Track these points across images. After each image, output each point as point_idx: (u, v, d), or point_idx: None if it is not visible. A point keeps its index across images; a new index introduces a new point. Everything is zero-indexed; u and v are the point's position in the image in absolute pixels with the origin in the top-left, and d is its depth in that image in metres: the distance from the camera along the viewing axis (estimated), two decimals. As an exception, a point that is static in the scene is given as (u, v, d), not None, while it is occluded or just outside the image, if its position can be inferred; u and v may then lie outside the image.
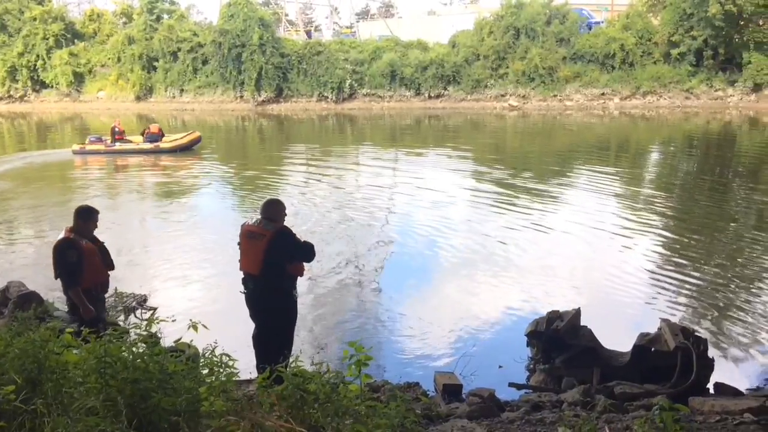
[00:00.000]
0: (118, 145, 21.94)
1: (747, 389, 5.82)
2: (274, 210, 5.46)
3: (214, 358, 3.25)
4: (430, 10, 65.09)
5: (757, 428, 4.14)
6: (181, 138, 22.43)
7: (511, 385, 5.86)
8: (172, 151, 21.78)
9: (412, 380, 5.89)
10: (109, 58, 42.63)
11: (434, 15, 57.11)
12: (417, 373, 6.21)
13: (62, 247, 5.52)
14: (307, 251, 5.39)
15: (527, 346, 6.44)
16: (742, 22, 32.15)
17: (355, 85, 38.08)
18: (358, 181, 17.58)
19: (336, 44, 40.07)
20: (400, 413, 3.14)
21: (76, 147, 21.93)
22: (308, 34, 51.10)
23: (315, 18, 71.81)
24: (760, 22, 32.80)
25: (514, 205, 13.65)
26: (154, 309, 7.93)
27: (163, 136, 22.16)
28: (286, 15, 60.45)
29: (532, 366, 6.30)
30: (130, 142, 22.21)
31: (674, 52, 33.53)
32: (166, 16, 42.99)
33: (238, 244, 5.48)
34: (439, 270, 9.88)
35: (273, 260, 5.23)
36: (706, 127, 27.93)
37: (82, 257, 5.49)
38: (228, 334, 5.66)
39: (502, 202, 13.93)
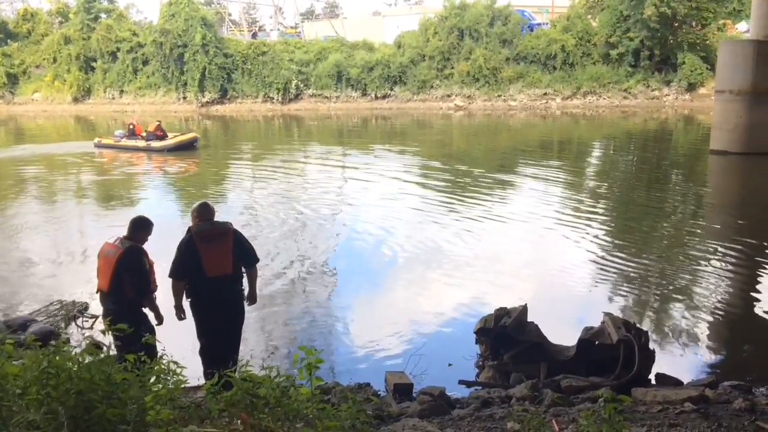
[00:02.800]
0: (123, 141, 22.33)
1: (688, 380, 6.03)
2: (212, 211, 5.52)
3: (161, 366, 3.18)
4: (375, 10, 65.34)
5: (697, 416, 4.30)
6: (173, 138, 22.16)
7: (461, 382, 5.93)
8: (164, 150, 21.54)
9: (363, 381, 5.89)
10: (44, 59, 41.25)
11: (379, 16, 57.31)
12: (368, 374, 6.21)
13: (138, 254, 5.32)
14: (253, 250, 5.58)
15: (476, 343, 6.51)
16: (676, 24, 33.34)
17: (301, 85, 37.86)
18: (306, 181, 17.49)
19: (281, 45, 39.76)
20: (352, 414, 3.14)
21: (96, 140, 23.11)
22: (254, 34, 50.48)
23: (259, 18, 71.09)
24: (693, 24, 34.08)
25: (461, 202, 13.82)
26: (96, 317, 7.68)
27: (161, 135, 21.96)
28: (230, 15, 59.66)
29: (481, 363, 6.38)
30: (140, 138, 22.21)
31: (612, 53, 34.51)
32: (104, 16, 41.85)
33: (187, 250, 5.32)
34: (388, 269, 9.91)
35: (238, 257, 5.33)
36: (644, 125, 28.84)
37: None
38: (174, 341, 5.55)
39: (449, 200, 14.08)
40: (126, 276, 5.23)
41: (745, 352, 7.04)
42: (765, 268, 9.55)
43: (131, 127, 22.63)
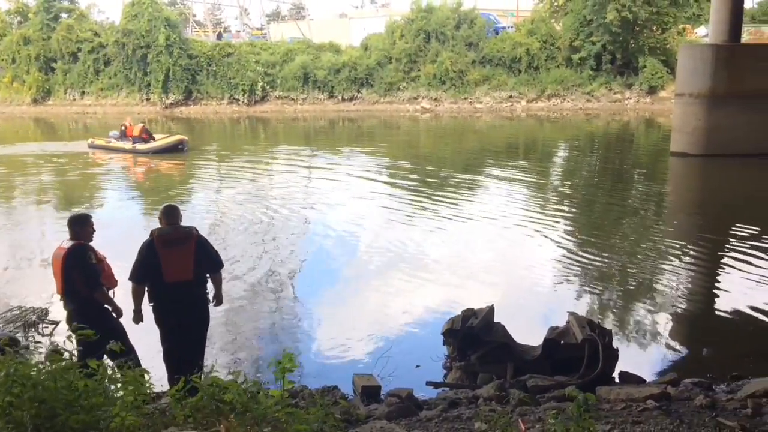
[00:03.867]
0: (113, 142, 21.98)
1: (651, 377, 6.15)
2: (178, 214, 5.47)
3: (125, 373, 3.13)
4: (341, 12, 65.24)
5: (659, 413, 4.39)
6: (159, 140, 21.66)
7: (428, 383, 5.95)
8: (149, 152, 21.08)
9: (331, 384, 5.87)
10: (2, 60, 40.16)
11: (345, 18, 57.24)
12: (335, 377, 6.19)
13: (81, 251, 5.26)
14: (218, 257, 5.56)
15: (443, 344, 6.54)
16: (637, 29, 33.98)
17: (268, 87, 37.57)
18: (273, 183, 17.40)
19: (247, 46, 39.40)
20: (319, 418, 3.13)
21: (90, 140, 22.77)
22: (219, 35, 50.01)
23: (224, 19, 70.47)
24: (654, 29, 34.79)
25: (429, 203, 13.88)
26: (57, 323, 7.51)
27: (146, 137, 21.50)
28: (194, 16, 59.01)
29: (448, 364, 6.41)
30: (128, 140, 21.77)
31: (575, 56, 35.01)
32: (64, 16, 40.93)
33: (147, 253, 5.26)
34: (355, 271, 9.90)
35: (200, 262, 5.26)
36: (607, 127, 29.34)
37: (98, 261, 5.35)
38: (140, 346, 5.47)
39: (416, 201, 14.14)
40: (74, 274, 5.24)
41: (705, 349, 7.21)
42: (724, 267, 9.79)
43: (123, 128, 22.09)
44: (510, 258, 10.41)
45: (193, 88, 38.05)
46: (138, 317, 5.32)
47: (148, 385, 3.14)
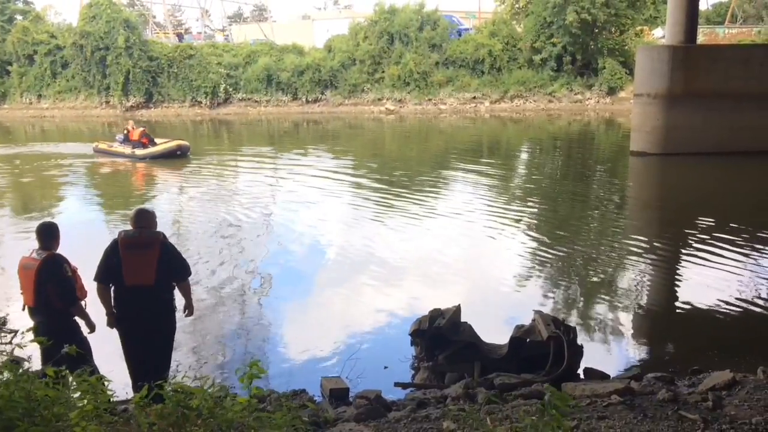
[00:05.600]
0: (115, 146, 21.37)
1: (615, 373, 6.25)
2: (148, 218, 5.34)
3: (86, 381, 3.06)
4: (304, 14, 65.00)
5: (624, 408, 4.46)
6: (159, 145, 20.86)
7: (396, 384, 5.95)
8: (147, 158, 20.42)
9: (299, 387, 5.83)
10: (-46, 62, 39.09)
11: (309, 19, 57.02)
12: (303, 380, 6.15)
13: (56, 263, 5.10)
14: (185, 263, 5.42)
15: (411, 345, 6.55)
16: (596, 30, 34.57)
17: (230, 89, 37.21)
18: (237, 185, 17.22)
19: (208, 48, 38.94)
20: (287, 422, 3.10)
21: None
22: (179, 36, 49.34)
23: (185, 21, 69.62)
24: (612, 30, 35.43)
25: (394, 203, 13.91)
26: (15, 332, 7.29)
27: (146, 142, 20.80)
28: (154, 17, 58.11)
29: (416, 364, 6.42)
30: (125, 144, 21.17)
31: (537, 57, 35.46)
32: (19, 17, 39.99)
33: (110, 255, 5.16)
34: (321, 273, 9.86)
35: (164, 268, 5.14)
36: (568, 128, 29.78)
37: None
38: (99, 353, 5.36)
39: (382, 202, 14.15)
40: (49, 287, 5.06)
41: (667, 344, 7.36)
42: (683, 262, 10.02)
43: (126, 131, 21.50)
44: (476, 257, 10.49)
45: (154, 90, 37.49)
46: (111, 319, 5.22)
47: (109, 392, 3.06)
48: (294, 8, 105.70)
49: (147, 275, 5.07)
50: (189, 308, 5.47)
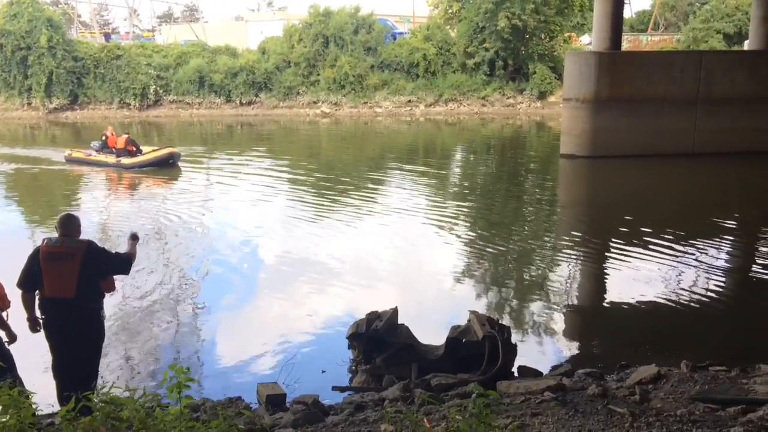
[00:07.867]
0: (93, 155, 19.39)
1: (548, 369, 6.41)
2: (73, 225, 5.10)
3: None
4: (237, 15, 64.13)
5: (556, 404, 4.57)
6: (147, 153, 19.17)
7: (334, 388, 5.93)
8: (135, 167, 18.70)
9: (234, 395, 5.74)
10: None
11: (242, 21, 56.28)
12: (239, 387, 6.05)
13: None
14: (121, 262, 5.23)
15: (349, 348, 6.55)
16: (527, 36, 35.46)
17: (161, 91, 36.28)
18: (169, 188, 16.79)
19: (137, 48, 37.85)
20: (222, 431, 3.04)
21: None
22: (107, 36, 47.80)
23: (112, 20, 67.56)
24: (542, 36, 36.41)
25: (330, 206, 13.88)
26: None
27: (132, 150, 19.07)
28: (79, 16, 56.12)
29: (354, 368, 6.42)
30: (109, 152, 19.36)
31: (470, 62, 36.07)
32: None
33: (32, 263, 4.94)
34: (257, 277, 9.74)
35: (88, 279, 4.92)
36: (501, 131, 30.41)
37: None
38: (23, 366, 5.13)
39: (318, 204, 14.10)
40: None
41: (596, 341, 7.61)
42: (610, 260, 10.38)
43: (104, 137, 19.53)
44: (413, 257, 10.59)
45: (80, 92, 36.20)
46: (34, 325, 5.03)
47: (33, 405, 2.93)
48: (226, 9, 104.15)
49: (67, 288, 4.86)
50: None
